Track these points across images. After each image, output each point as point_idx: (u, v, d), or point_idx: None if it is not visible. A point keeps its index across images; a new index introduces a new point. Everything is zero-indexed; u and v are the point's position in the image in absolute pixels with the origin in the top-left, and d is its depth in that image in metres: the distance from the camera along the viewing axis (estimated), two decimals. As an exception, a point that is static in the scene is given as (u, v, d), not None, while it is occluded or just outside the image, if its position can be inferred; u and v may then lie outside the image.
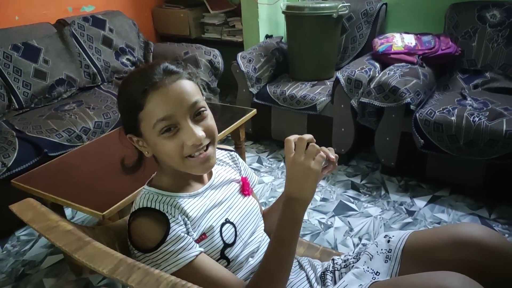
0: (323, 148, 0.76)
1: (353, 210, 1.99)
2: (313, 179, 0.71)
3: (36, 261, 1.78)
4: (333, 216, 1.96)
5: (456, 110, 1.96)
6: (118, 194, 1.30)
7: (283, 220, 0.75)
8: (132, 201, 1.31)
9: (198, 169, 0.78)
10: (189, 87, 0.76)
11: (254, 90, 2.53)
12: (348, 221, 1.91)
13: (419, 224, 1.88)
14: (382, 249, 0.84)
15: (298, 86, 2.47)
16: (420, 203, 2.02)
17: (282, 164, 2.46)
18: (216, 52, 2.80)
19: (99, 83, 2.67)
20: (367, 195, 2.10)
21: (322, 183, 2.23)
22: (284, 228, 0.75)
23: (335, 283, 0.87)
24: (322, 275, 0.90)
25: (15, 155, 1.83)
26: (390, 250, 0.83)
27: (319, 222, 1.92)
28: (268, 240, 0.93)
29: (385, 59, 2.32)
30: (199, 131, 0.75)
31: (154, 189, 0.81)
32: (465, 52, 2.33)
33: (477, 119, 1.88)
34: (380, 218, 1.93)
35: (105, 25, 2.78)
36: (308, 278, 0.89)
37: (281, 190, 2.18)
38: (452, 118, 1.92)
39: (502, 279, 0.70)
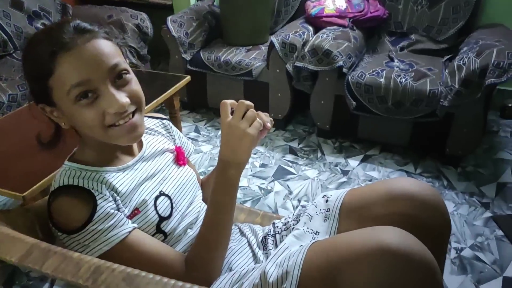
0: (260, 113, 0.74)
1: (292, 173, 2.03)
2: (249, 144, 0.69)
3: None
4: (272, 181, 1.98)
5: (384, 72, 2.03)
6: (39, 172, 1.18)
7: (219, 185, 0.73)
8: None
9: (124, 139, 0.72)
10: (107, 48, 0.68)
11: (187, 57, 2.43)
12: (287, 185, 1.94)
13: (353, 182, 1.96)
14: (321, 209, 0.85)
15: (232, 51, 2.41)
16: (353, 162, 2.11)
17: (220, 132, 2.42)
18: (144, 15, 2.62)
19: (11, 51, 2.39)
20: (305, 158, 2.15)
21: (260, 148, 2.23)
22: (220, 193, 0.73)
23: (276, 246, 0.88)
24: (263, 240, 0.90)
25: None
26: (328, 210, 0.84)
27: (259, 187, 1.93)
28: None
29: (317, 22, 2.33)
30: (122, 97, 0.68)
31: (76, 165, 0.74)
32: (392, 14, 2.40)
33: (403, 80, 1.97)
34: (317, 179, 1.98)
35: (13, -15, 2.47)
36: (249, 244, 0.88)
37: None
38: (381, 80, 1.99)
39: (434, 231, 0.74)
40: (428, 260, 0.58)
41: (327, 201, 0.86)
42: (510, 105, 2.45)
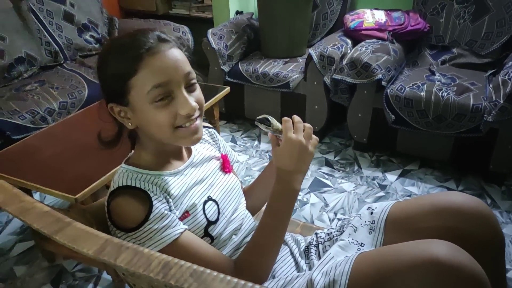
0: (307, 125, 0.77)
1: (328, 186, 2.02)
2: (309, 160, 0.74)
3: (4, 249, 1.71)
4: (308, 192, 1.98)
5: (425, 85, 2.00)
6: (90, 176, 1.25)
7: (278, 193, 0.76)
8: (106, 184, 1.28)
9: (188, 140, 0.77)
10: (183, 57, 0.75)
11: (226, 68, 2.49)
12: (324, 197, 1.94)
13: (391, 197, 1.93)
14: (365, 221, 0.85)
15: (270, 63, 2.45)
16: (391, 177, 2.07)
17: (256, 142, 2.45)
18: (185, 28, 2.71)
19: (62, 62, 2.53)
20: (341, 171, 2.13)
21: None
22: (279, 201, 0.76)
23: (319, 256, 0.89)
24: (306, 249, 0.91)
25: (-26, 138, 1.72)
26: (373, 222, 0.84)
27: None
28: (250, 217, 0.93)
29: (356, 35, 2.33)
30: (192, 101, 0.74)
31: (132, 168, 0.78)
32: (433, 28, 2.37)
33: (445, 94, 1.93)
34: (354, 193, 1.97)
35: (66, -1, 2.63)
36: (292, 253, 0.89)
37: (256, 168, 2.18)
38: (422, 93, 1.96)
39: (482, 244, 0.73)
40: (477, 273, 0.57)
41: (372, 213, 0.86)
42: (559, 122, 2.34)
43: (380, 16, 2.34)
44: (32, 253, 1.67)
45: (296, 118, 0.75)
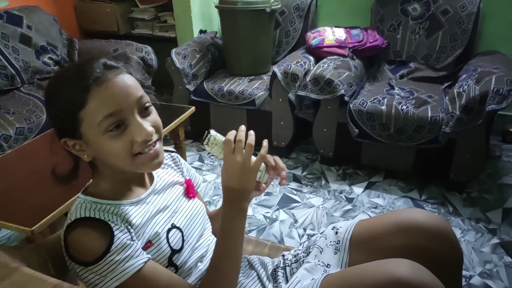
0: (277, 159, 0.80)
1: (297, 201, 2.03)
2: (253, 177, 0.74)
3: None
4: (277, 209, 1.98)
5: (385, 99, 2.07)
6: (47, 206, 1.19)
7: (228, 215, 0.75)
8: (65, 213, 1.23)
9: (148, 166, 0.75)
10: (133, 81, 0.73)
11: (191, 87, 2.47)
12: (293, 213, 1.94)
13: (358, 210, 1.96)
14: (331, 241, 0.85)
15: (235, 81, 2.46)
16: (357, 189, 2.11)
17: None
18: (149, 48, 2.68)
19: (19, 85, 2.43)
20: (309, 186, 2.15)
21: (264, 177, 2.23)
22: (230, 223, 0.75)
23: (286, 279, 0.88)
24: (273, 272, 0.90)
25: None
26: (338, 242, 0.84)
27: (264, 216, 1.93)
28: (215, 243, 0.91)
29: (318, 53, 2.38)
30: (148, 126, 0.72)
31: (90, 198, 0.75)
32: (390, 44, 2.46)
33: (404, 107, 1.99)
34: (322, 207, 1.98)
35: (22, 21, 2.54)
36: (259, 277, 0.88)
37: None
38: (383, 107, 2.02)
39: (443, 260, 0.74)
40: (440, 292, 0.58)
41: (336, 232, 0.86)
42: (511, 129, 2.47)
43: (340, 33, 2.41)
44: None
45: (239, 136, 0.74)
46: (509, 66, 1.99)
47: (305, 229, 1.84)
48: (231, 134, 0.75)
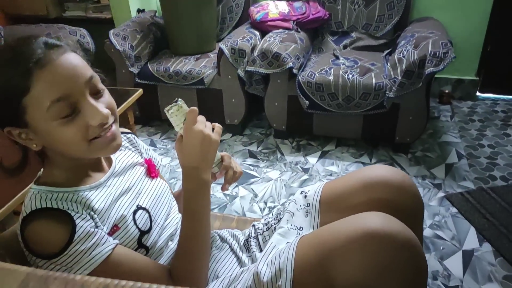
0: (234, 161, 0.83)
1: (255, 177, 2.05)
2: (214, 148, 0.73)
3: None
4: (236, 186, 1.98)
5: (332, 69, 2.12)
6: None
7: (191, 192, 0.74)
8: (13, 209, 1.14)
9: (106, 150, 0.71)
10: (80, 61, 0.67)
11: (135, 70, 2.37)
12: (252, 188, 1.96)
13: (314, 179, 2.02)
14: (301, 205, 0.87)
15: (181, 61, 2.39)
16: (312, 159, 2.17)
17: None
18: (83, 31, 2.52)
19: None
20: (265, 161, 2.18)
21: (220, 156, 2.23)
22: (194, 201, 0.74)
23: (260, 248, 0.89)
24: (246, 243, 0.90)
25: None
26: (308, 205, 0.86)
27: (224, 194, 1.93)
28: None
29: (263, 27, 2.37)
30: (103, 108, 0.67)
31: (45, 187, 0.70)
32: (332, 15, 2.51)
33: (350, 76, 2.06)
34: (280, 180, 2.02)
35: None
36: (232, 249, 0.88)
37: (180, 170, 2.12)
38: (330, 77, 2.07)
39: (407, 211, 0.79)
40: (411, 239, 0.62)
41: (305, 196, 0.88)
42: (447, 91, 2.65)
43: (283, 7, 2.41)
44: None
45: (193, 108, 0.73)
46: (443, 30, 2.11)
47: (265, 202, 1.86)
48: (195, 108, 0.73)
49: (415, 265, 0.61)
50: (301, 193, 0.90)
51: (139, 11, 2.76)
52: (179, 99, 0.76)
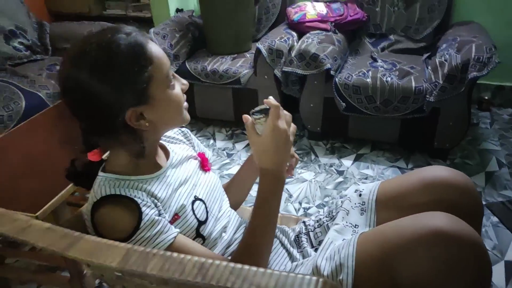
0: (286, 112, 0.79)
1: (289, 177, 2.05)
2: (290, 149, 0.74)
3: None
4: (270, 185, 1.99)
5: (370, 72, 2.10)
6: (49, 191, 1.15)
7: (267, 193, 0.73)
8: (65, 198, 1.19)
9: (186, 118, 0.78)
10: None
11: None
12: (287, 188, 1.96)
13: (349, 181, 2.00)
14: (355, 203, 0.88)
15: (218, 60, 2.42)
16: (347, 162, 2.15)
17: (212, 141, 2.42)
18: (125, 29, 2.59)
19: (-11, 72, 2.31)
20: (300, 162, 2.18)
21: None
22: (269, 200, 0.74)
23: (311, 243, 0.89)
24: (296, 239, 0.91)
25: None
26: (363, 203, 0.86)
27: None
28: (235, 212, 0.91)
29: (300, 28, 2.38)
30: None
31: (111, 175, 0.73)
32: (370, 17, 2.49)
33: (389, 79, 2.04)
34: (314, 181, 2.01)
35: (-14, 4, 2.40)
36: (282, 244, 0.89)
37: (216, 167, 2.15)
38: (368, 80, 2.05)
39: (468, 213, 0.78)
40: (477, 239, 0.61)
41: (360, 195, 0.88)
42: (486, 98, 2.58)
43: (321, 8, 2.41)
44: (-19, 284, 1.52)
45: (274, 101, 0.72)
46: (486, 34, 2.06)
47: (300, 203, 1.87)
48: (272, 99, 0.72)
49: (480, 265, 0.61)
50: (355, 191, 0.90)
51: (177, 10, 2.82)
52: (267, 106, 0.72)
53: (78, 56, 0.67)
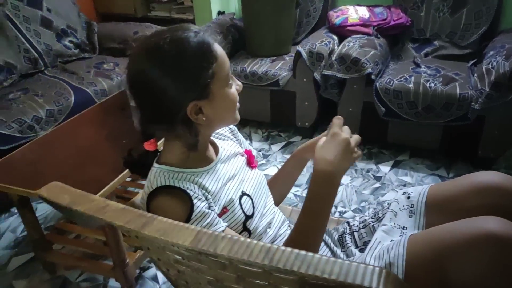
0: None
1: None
2: (350, 158, 0.75)
3: (-1, 264, 1.63)
4: (306, 188, 2.00)
5: (412, 77, 2.06)
6: (99, 181, 1.21)
7: (317, 193, 0.74)
8: (114, 189, 1.25)
9: (237, 117, 0.82)
10: None
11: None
12: (323, 191, 1.96)
13: (387, 187, 1.98)
14: (403, 205, 0.87)
15: (257, 62, 2.45)
16: (384, 168, 2.12)
17: (248, 142, 2.44)
18: (169, 30, 2.67)
19: (42, 69, 2.44)
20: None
21: (290, 157, 2.26)
22: (320, 202, 0.75)
23: (355, 243, 0.90)
24: (340, 238, 0.92)
25: (-39, 151, 1.64)
26: (412, 205, 0.86)
27: (294, 195, 1.95)
28: (279, 210, 0.93)
29: (342, 32, 2.37)
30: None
31: (165, 167, 0.76)
32: (414, 22, 2.45)
33: (432, 84, 1.99)
34: (351, 185, 2.00)
35: (42, 4, 2.53)
36: (326, 243, 0.90)
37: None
38: (410, 85, 2.02)
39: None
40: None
41: (409, 197, 0.88)
42: (535, 107, 2.47)
43: (363, 12, 2.40)
44: (31, 266, 1.61)
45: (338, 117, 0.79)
46: (537, 42, 1.99)
47: (336, 207, 1.86)
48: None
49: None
50: (403, 194, 0.89)
51: (219, 13, 2.88)
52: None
53: (151, 49, 0.71)
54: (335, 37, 2.36)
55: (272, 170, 2.15)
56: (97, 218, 0.53)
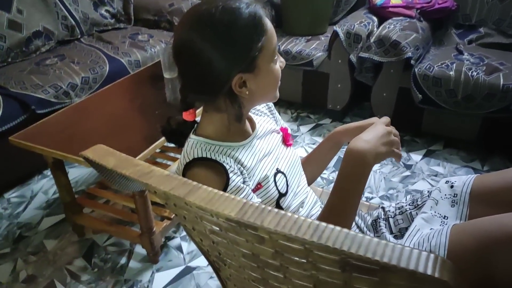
0: None
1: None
2: (387, 149, 0.75)
3: (32, 223, 1.70)
4: (333, 171, 1.97)
5: (454, 65, 1.97)
6: (131, 150, 1.22)
7: (352, 172, 0.73)
8: (144, 159, 1.26)
9: (278, 93, 0.80)
10: None
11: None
12: (351, 176, 1.93)
13: (417, 177, 1.92)
14: (446, 194, 0.84)
15: (292, 41, 2.40)
16: (416, 157, 2.06)
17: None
18: (204, 4, 2.64)
19: (79, 36, 2.47)
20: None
21: (319, 141, 2.22)
22: (352, 181, 0.73)
23: (390, 229, 0.88)
24: (374, 223, 0.90)
25: (0, 112, 1.69)
26: (455, 195, 0.83)
27: (321, 177, 1.93)
28: (312, 191, 0.91)
29: (383, 13, 2.28)
30: None
31: (203, 139, 0.75)
32: (460, 6, 2.32)
33: (475, 73, 1.90)
34: (379, 172, 1.96)
35: (81, -28, 2.55)
36: (359, 227, 0.89)
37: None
38: (451, 72, 1.93)
39: None
40: None
41: (452, 186, 0.85)
42: None
43: (406, -7, 2.29)
44: (61, 227, 1.66)
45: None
46: None
47: (363, 192, 1.83)
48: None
49: None
50: (446, 183, 0.86)
51: (255, -12, 2.82)
52: None
53: (202, 16, 0.68)
54: (375, 19, 2.28)
55: (300, 152, 2.13)
56: (141, 183, 0.53)
